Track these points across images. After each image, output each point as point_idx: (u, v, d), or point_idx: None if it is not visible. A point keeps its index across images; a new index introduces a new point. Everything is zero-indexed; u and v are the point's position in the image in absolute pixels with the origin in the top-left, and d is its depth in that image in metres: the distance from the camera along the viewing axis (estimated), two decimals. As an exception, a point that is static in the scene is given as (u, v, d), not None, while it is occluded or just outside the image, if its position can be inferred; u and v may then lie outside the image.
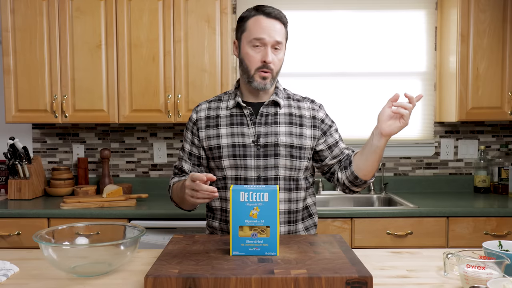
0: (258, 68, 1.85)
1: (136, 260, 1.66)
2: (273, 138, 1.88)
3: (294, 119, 1.92)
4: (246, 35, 1.86)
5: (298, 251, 1.55)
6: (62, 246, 1.50)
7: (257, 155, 1.87)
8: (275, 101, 1.92)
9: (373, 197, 3.40)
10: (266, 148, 1.87)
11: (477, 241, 2.79)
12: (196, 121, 1.97)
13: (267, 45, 1.82)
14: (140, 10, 3.07)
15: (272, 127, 1.89)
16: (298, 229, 1.94)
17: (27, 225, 2.80)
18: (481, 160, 3.39)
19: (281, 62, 1.89)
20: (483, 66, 3.11)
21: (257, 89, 1.89)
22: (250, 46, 1.85)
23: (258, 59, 1.84)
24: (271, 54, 1.83)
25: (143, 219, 2.78)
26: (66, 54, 3.10)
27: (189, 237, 1.76)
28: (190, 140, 1.99)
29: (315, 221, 2.01)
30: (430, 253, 1.75)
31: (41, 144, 3.54)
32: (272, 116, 1.92)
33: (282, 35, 1.86)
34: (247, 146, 1.88)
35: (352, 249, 1.59)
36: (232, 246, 1.51)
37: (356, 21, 3.50)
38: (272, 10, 1.86)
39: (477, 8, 3.09)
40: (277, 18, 1.85)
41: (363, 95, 3.51)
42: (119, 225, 1.67)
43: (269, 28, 1.82)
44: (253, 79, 1.86)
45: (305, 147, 1.91)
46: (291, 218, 1.91)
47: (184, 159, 2.01)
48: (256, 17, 1.85)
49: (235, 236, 1.51)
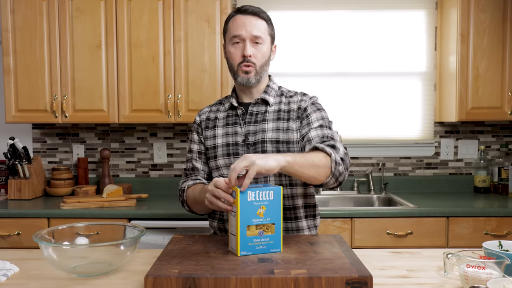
0: (239, 63, 1.88)
1: (136, 260, 1.66)
2: (261, 135, 1.89)
3: (282, 115, 1.93)
4: (228, 35, 1.92)
5: (298, 251, 1.55)
6: (62, 246, 1.50)
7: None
8: (264, 99, 1.94)
9: (373, 197, 3.40)
10: (255, 146, 1.89)
11: (477, 241, 2.79)
12: (200, 123, 2.03)
13: (246, 40, 1.86)
14: (140, 10, 3.07)
15: (260, 125, 1.91)
16: (302, 226, 1.93)
17: (27, 225, 2.80)
18: (481, 160, 3.39)
19: (265, 56, 1.90)
20: (483, 66, 3.11)
21: (243, 85, 1.91)
22: (230, 44, 1.90)
23: (238, 55, 1.88)
24: (251, 48, 1.86)
25: (143, 219, 2.78)
26: (66, 54, 3.10)
27: (189, 237, 1.76)
28: (198, 140, 2.02)
29: (315, 223, 1.99)
30: (430, 253, 1.74)
31: (41, 144, 3.54)
32: (261, 114, 1.93)
33: (262, 30, 1.88)
34: (240, 145, 1.91)
35: (352, 249, 1.59)
36: (240, 246, 1.50)
37: (356, 21, 3.50)
38: (249, 7, 1.90)
39: (477, 8, 3.09)
40: (254, 13, 1.89)
41: (363, 95, 3.51)
42: (119, 225, 1.67)
43: (245, 24, 1.86)
44: (238, 75, 1.90)
45: (293, 140, 1.88)
46: (287, 215, 1.90)
47: (194, 158, 2.01)
48: (234, 16, 1.91)
49: (243, 236, 1.51)
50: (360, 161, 3.52)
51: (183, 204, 1.98)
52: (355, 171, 3.52)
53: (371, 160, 3.52)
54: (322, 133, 1.83)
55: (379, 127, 3.52)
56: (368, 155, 3.51)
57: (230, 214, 1.54)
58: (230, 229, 1.55)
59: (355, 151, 3.48)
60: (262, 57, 1.89)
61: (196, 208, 1.93)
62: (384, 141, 3.51)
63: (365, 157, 3.52)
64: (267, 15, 1.93)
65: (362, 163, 3.52)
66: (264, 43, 1.89)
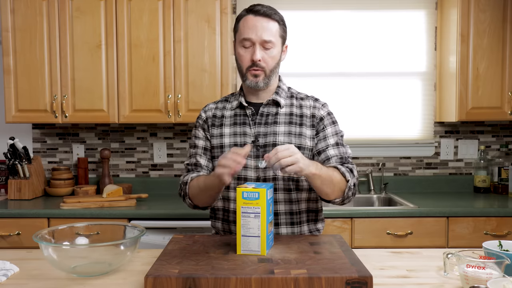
0: (248, 67, 1.86)
1: (136, 260, 1.66)
2: (272, 138, 1.87)
3: (294, 119, 1.91)
4: (238, 36, 1.89)
5: (298, 251, 1.55)
6: (62, 246, 1.50)
7: (256, 156, 1.86)
8: (275, 100, 1.92)
9: (373, 197, 3.40)
10: (265, 149, 1.86)
11: (477, 241, 2.79)
12: (206, 119, 1.99)
13: (255, 44, 1.83)
14: (140, 10, 3.07)
15: (271, 127, 1.89)
16: (303, 231, 1.92)
17: (27, 225, 2.80)
18: (481, 160, 3.39)
19: (275, 60, 1.87)
20: (483, 66, 3.11)
21: (251, 88, 1.89)
22: (240, 46, 1.87)
23: (248, 59, 1.85)
24: (260, 52, 1.83)
25: (143, 219, 2.78)
26: (66, 54, 3.10)
27: (189, 237, 1.76)
28: (203, 136, 1.98)
29: (317, 227, 1.98)
30: (430, 253, 1.75)
31: (41, 144, 3.54)
32: (272, 116, 1.91)
33: (273, 32, 1.84)
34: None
35: (352, 249, 1.59)
36: (267, 246, 1.54)
37: (356, 21, 3.50)
38: (261, 7, 1.85)
39: (477, 8, 3.09)
40: (266, 15, 1.84)
41: (362, 95, 3.51)
42: (119, 225, 1.68)
43: (256, 27, 1.82)
44: (246, 78, 1.88)
45: (305, 147, 1.88)
46: (294, 220, 1.90)
47: (198, 154, 1.96)
48: (246, 17, 1.86)
49: (267, 235, 1.55)
50: (360, 161, 3.52)
51: (184, 198, 1.92)
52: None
53: (371, 160, 3.53)
54: (339, 152, 1.89)
55: (379, 127, 3.52)
56: (368, 155, 3.51)
57: (245, 217, 1.53)
58: (245, 232, 1.53)
59: (355, 151, 3.47)
60: (272, 61, 1.86)
61: (198, 199, 1.88)
62: (384, 141, 3.51)
63: (365, 157, 3.52)
64: (280, 16, 1.88)
65: (362, 163, 3.52)
66: (274, 47, 1.85)
